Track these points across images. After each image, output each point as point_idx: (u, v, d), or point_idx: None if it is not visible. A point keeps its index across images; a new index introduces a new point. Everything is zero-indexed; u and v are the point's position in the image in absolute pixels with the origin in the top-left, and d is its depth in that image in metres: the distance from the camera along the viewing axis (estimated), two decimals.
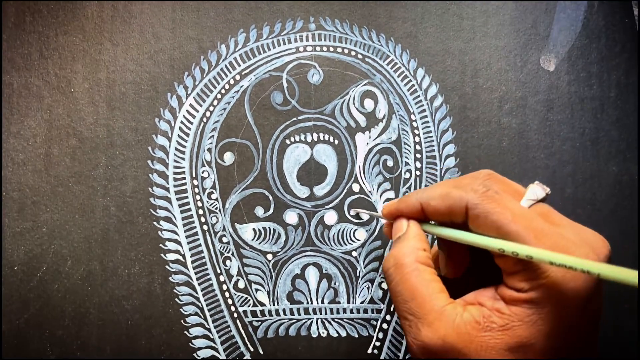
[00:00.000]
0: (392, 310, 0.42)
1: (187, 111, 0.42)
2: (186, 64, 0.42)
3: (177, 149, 0.42)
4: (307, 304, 0.41)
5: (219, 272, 0.41)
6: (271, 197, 0.42)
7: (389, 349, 0.41)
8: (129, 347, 0.40)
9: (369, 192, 0.42)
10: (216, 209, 0.41)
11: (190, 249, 0.41)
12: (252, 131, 0.42)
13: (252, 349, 0.41)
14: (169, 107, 0.42)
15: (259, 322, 0.41)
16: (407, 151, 0.43)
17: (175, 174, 0.41)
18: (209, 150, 0.42)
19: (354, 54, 0.43)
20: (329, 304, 0.41)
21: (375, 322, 0.41)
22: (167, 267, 0.41)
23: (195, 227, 0.41)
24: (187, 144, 0.42)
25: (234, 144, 0.42)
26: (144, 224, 0.41)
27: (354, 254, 0.42)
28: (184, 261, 0.41)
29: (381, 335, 0.41)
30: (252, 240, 0.41)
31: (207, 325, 0.41)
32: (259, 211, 0.42)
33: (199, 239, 0.41)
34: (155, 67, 0.42)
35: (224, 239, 0.41)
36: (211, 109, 0.42)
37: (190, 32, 0.42)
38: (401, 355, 0.41)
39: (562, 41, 0.44)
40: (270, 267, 0.41)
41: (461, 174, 0.42)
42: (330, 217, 0.42)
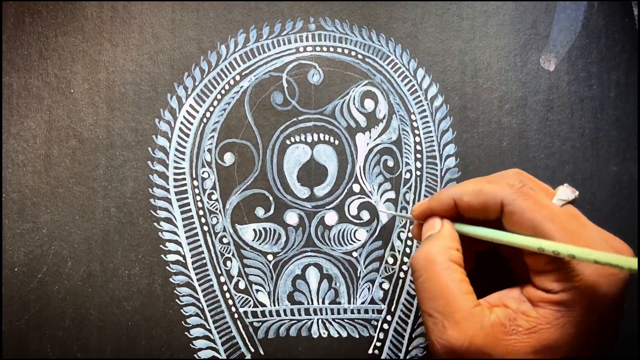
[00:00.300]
0: (392, 310, 0.42)
1: (187, 112, 0.42)
2: (186, 64, 0.42)
3: (177, 150, 0.41)
4: (308, 304, 0.41)
5: (219, 272, 0.41)
6: (271, 198, 0.42)
7: (389, 349, 0.41)
8: (130, 348, 0.40)
9: (370, 192, 0.42)
10: (216, 209, 0.41)
11: (190, 250, 0.41)
12: (252, 132, 0.42)
13: (252, 350, 0.41)
14: (168, 108, 0.42)
15: (260, 323, 0.41)
16: (407, 151, 0.43)
17: (175, 174, 0.41)
18: (209, 150, 0.42)
19: (354, 54, 0.43)
20: (329, 304, 0.41)
21: (375, 323, 0.41)
22: (167, 268, 0.41)
23: (195, 228, 0.41)
24: (187, 145, 0.42)
25: (234, 144, 0.42)
26: (144, 224, 0.41)
27: (355, 254, 0.42)
28: (184, 262, 0.41)
29: (382, 335, 0.41)
30: (253, 240, 0.41)
31: (208, 326, 0.40)
32: (260, 212, 0.42)
33: (199, 240, 0.41)
34: (155, 67, 0.42)
35: (225, 240, 0.41)
36: (211, 109, 0.42)
37: (190, 33, 0.42)
38: (402, 355, 0.41)
39: (562, 41, 0.44)
40: (270, 267, 0.41)
41: (461, 174, 0.42)
42: (330, 217, 0.42)
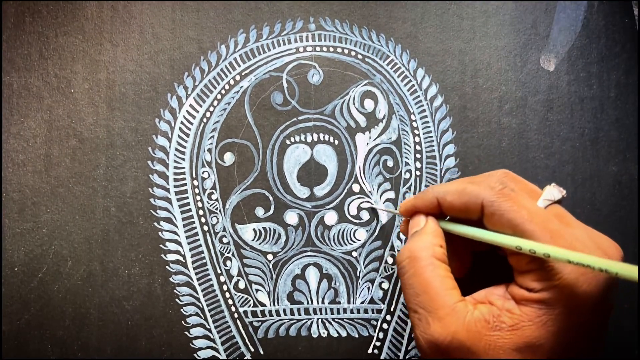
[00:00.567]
0: (392, 310, 0.42)
1: (187, 112, 0.42)
2: (186, 64, 0.42)
3: (177, 150, 0.42)
4: (308, 304, 0.41)
5: (219, 272, 0.41)
6: (271, 198, 0.42)
7: (389, 349, 0.41)
8: (130, 347, 0.40)
9: (369, 192, 0.42)
10: (216, 209, 0.41)
11: (190, 250, 0.41)
12: (252, 131, 0.42)
13: (252, 349, 0.41)
14: (169, 108, 0.42)
15: (260, 323, 0.41)
16: (407, 151, 0.43)
17: (175, 174, 0.41)
18: (209, 150, 0.42)
19: (354, 54, 0.43)
20: (329, 304, 0.41)
21: (375, 322, 0.42)
22: (167, 267, 0.41)
23: (195, 228, 0.41)
24: (187, 145, 0.42)
25: (234, 144, 0.42)
26: (144, 224, 0.41)
27: (354, 254, 0.42)
28: (184, 262, 0.41)
29: (381, 335, 0.41)
30: (253, 240, 0.41)
31: (208, 325, 0.41)
32: (259, 211, 0.42)
33: (199, 240, 0.41)
34: (155, 67, 0.42)
35: (224, 240, 0.41)
36: (211, 109, 0.42)
37: (190, 33, 0.42)
38: (401, 355, 0.41)
39: (562, 41, 0.44)
40: (270, 267, 0.41)
41: (461, 174, 0.42)
42: (330, 217, 0.42)
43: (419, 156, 0.43)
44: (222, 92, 0.42)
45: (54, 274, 0.40)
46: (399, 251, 0.34)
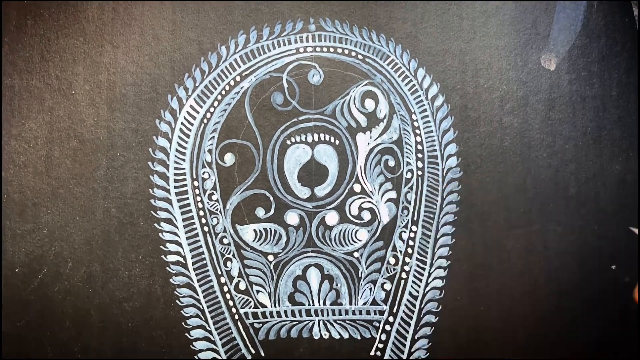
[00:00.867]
0: (394, 311, 0.41)
1: (187, 112, 0.42)
2: (186, 65, 0.42)
3: (177, 151, 0.41)
4: (309, 305, 0.41)
5: (219, 273, 0.41)
6: (272, 198, 0.42)
7: (392, 350, 0.41)
8: (130, 349, 0.39)
9: (371, 192, 0.42)
10: (217, 210, 0.41)
11: (191, 251, 0.41)
12: (252, 132, 0.42)
13: (253, 351, 0.40)
14: (169, 109, 0.42)
15: (260, 324, 0.41)
16: (408, 151, 0.43)
17: (175, 175, 0.41)
18: (210, 151, 0.42)
19: (354, 54, 0.43)
20: (330, 305, 0.41)
21: (377, 324, 0.41)
22: (167, 268, 0.40)
23: (196, 229, 0.41)
24: (187, 145, 0.42)
25: (234, 145, 0.42)
26: (144, 225, 0.41)
27: (356, 254, 0.42)
28: (184, 263, 0.41)
29: (384, 336, 0.41)
30: (253, 241, 0.41)
31: (208, 327, 0.40)
32: (260, 212, 0.41)
33: (199, 240, 0.41)
34: (155, 68, 0.42)
35: (225, 240, 0.41)
36: (211, 110, 0.42)
37: (190, 34, 0.42)
38: (404, 356, 0.41)
39: (563, 41, 0.44)
40: (271, 268, 0.41)
41: (463, 174, 0.42)
42: (331, 217, 0.42)
43: (420, 156, 0.43)
44: (223, 92, 0.42)
45: (54, 275, 0.40)
46: None
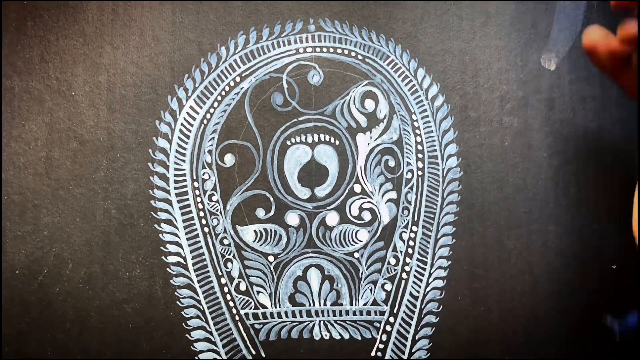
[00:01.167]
0: (395, 312, 0.41)
1: (187, 113, 0.42)
2: (186, 66, 0.42)
3: (177, 151, 0.41)
4: (309, 306, 0.41)
5: (220, 274, 0.41)
6: (272, 199, 0.42)
7: (392, 351, 0.41)
8: (130, 350, 0.39)
9: (371, 192, 0.42)
10: (217, 210, 0.41)
11: (191, 252, 0.41)
12: (252, 133, 0.42)
13: (254, 352, 0.40)
14: (169, 110, 0.42)
15: (261, 325, 0.41)
16: (408, 151, 0.43)
17: (175, 176, 0.41)
18: (210, 152, 0.42)
19: (354, 54, 0.43)
20: (331, 306, 0.41)
21: (378, 324, 0.41)
22: (168, 269, 0.40)
23: (196, 229, 0.41)
24: (187, 146, 0.42)
25: (234, 145, 0.42)
26: (144, 226, 0.41)
27: (356, 255, 0.42)
28: (185, 263, 0.41)
29: (384, 337, 0.41)
30: (253, 242, 0.41)
31: (209, 328, 0.40)
32: (260, 213, 0.41)
33: (199, 241, 0.41)
34: (155, 69, 0.42)
35: (225, 241, 0.41)
36: (211, 110, 0.42)
37: (190, 35, 0.42)
38: (405, 356, 0.41)
39: (563, 40, 0.44)
40: (271, 269, 0.41)
41: (463, 174, 0.42)
42: (331, 218, 0.42)
43: (420, 156, 0.43)
44: (222, 93, 0.42)
45: (54, 276, 0.40)
46: None
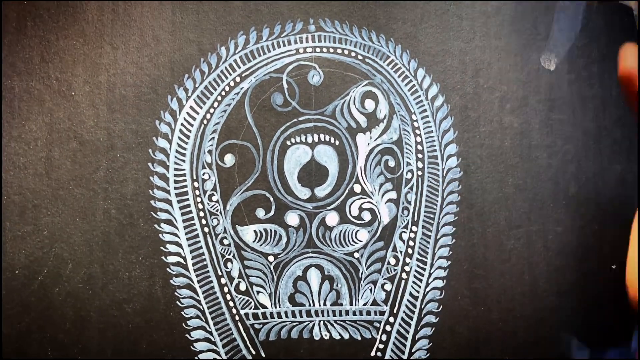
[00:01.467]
0: (395, 312, 0.41)
1: (187, 113, 0.42)
2: (186, 66, 0.42)
3: (177, 151, 0.41)
4: (309, 306, 0.41)
5: (220, 274, 0.41)
6: (272, 199, 0.42)
7: (392, 351, 0.41)
8: (130, 350, 0.39)
9: (371, 192, 0.42)
10: (217, 210, 0.41)
11: (191, 252, 0.41)
12: (252, 133, 0.42)
13: (254, 352, 0.40)
14: (169, 110, 0.42)
15: (261, 325, 0.41)
16: (408, 151, 0.43)
17: (175, 176, 0.41)
18: (210, 152, 0.42)
19: (354, 54, 0.43)
20: (331, 306, 0.41)
21: (378, 324, 0.41)
22: (168, 269, 0.40)
23: (196, 230, 0.41)
24: (187, 146, 0.42)
25: (234, 145, 0.42)
26: (144, 226, 0.41)
27: (356, 255, 0.42)
28: (185, 264, 0.41)
29: (384, 337, 0.41)
30: (253, 242, 0.41)
31: (209, 328, 0.40)
32: (260, 213, 0.41)
33: (199, 241, 0.41)
34: (155, 69, 0.42)
35: (225, 241, 0.41)
36: (211, 111, 0.42)
37: (190, 35, 0.42)
38: (405, 356, 0.41)
39: (563, 41, 0.44)
40: (271, 269, 0.41)
41: (463, 174, 0.42)
42: (331, 218, 0.42)
43: (420, 156, 0.43)
44: (222, 93, 0.42)
45: (54, 276, 0.40)
46: None
